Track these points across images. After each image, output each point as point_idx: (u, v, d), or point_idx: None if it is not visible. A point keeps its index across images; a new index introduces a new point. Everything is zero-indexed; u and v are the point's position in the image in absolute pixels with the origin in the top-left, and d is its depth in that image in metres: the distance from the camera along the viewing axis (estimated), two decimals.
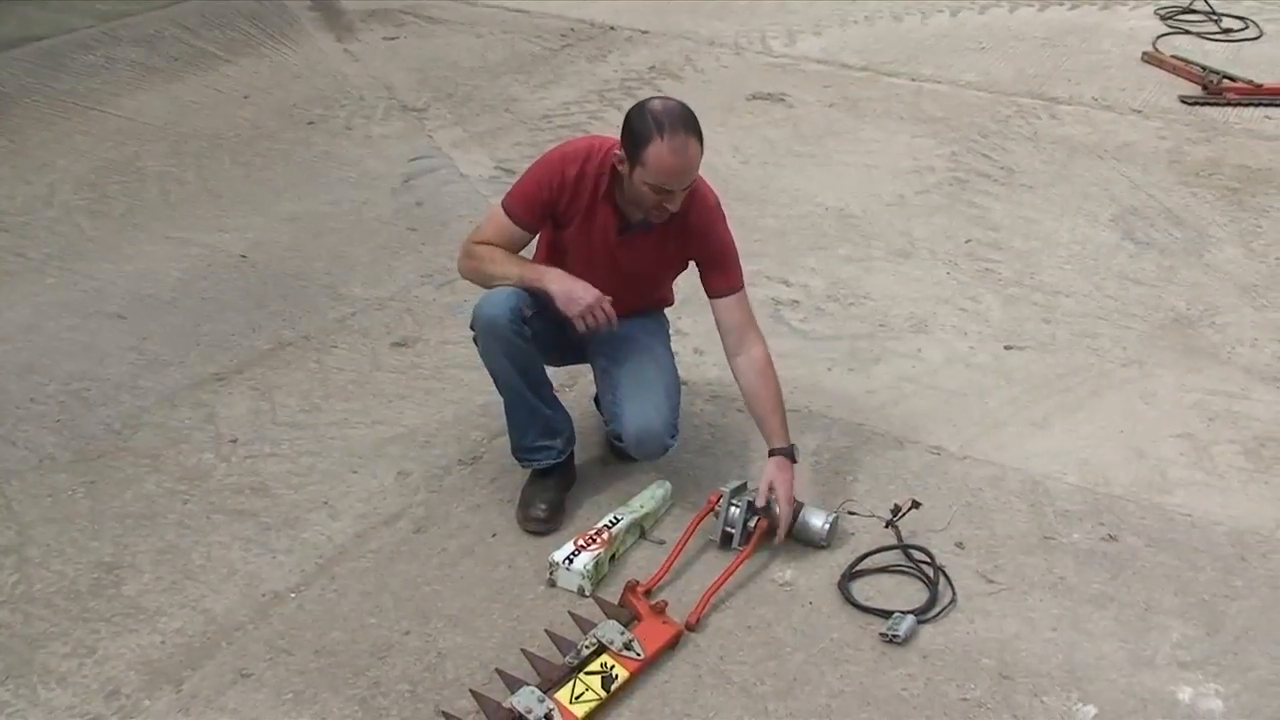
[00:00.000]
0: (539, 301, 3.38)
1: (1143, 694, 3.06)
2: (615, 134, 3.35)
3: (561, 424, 3.65)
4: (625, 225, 3.47)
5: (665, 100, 3.34)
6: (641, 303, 3.70)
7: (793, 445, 3.51)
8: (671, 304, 3.87)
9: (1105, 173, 6.19)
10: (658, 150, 3.21)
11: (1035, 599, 3.37)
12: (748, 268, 3.56)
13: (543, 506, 3.57)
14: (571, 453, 3.71)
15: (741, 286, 3.59)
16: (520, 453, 3.63)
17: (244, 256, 5.14)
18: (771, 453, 3.49)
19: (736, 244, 3.59)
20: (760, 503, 3.45)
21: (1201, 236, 5.55)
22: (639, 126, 3.25)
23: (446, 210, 5.59)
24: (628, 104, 3.67)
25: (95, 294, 4.80)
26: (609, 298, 3.36)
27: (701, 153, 3.31)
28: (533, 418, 3.57)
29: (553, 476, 3.65)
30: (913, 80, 7.44)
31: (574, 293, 3.34)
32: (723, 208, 3.58)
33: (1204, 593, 3.41)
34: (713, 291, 3.58)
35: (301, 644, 3.15)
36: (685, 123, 3.26)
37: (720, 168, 6.06)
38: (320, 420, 4.07)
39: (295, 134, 6.42)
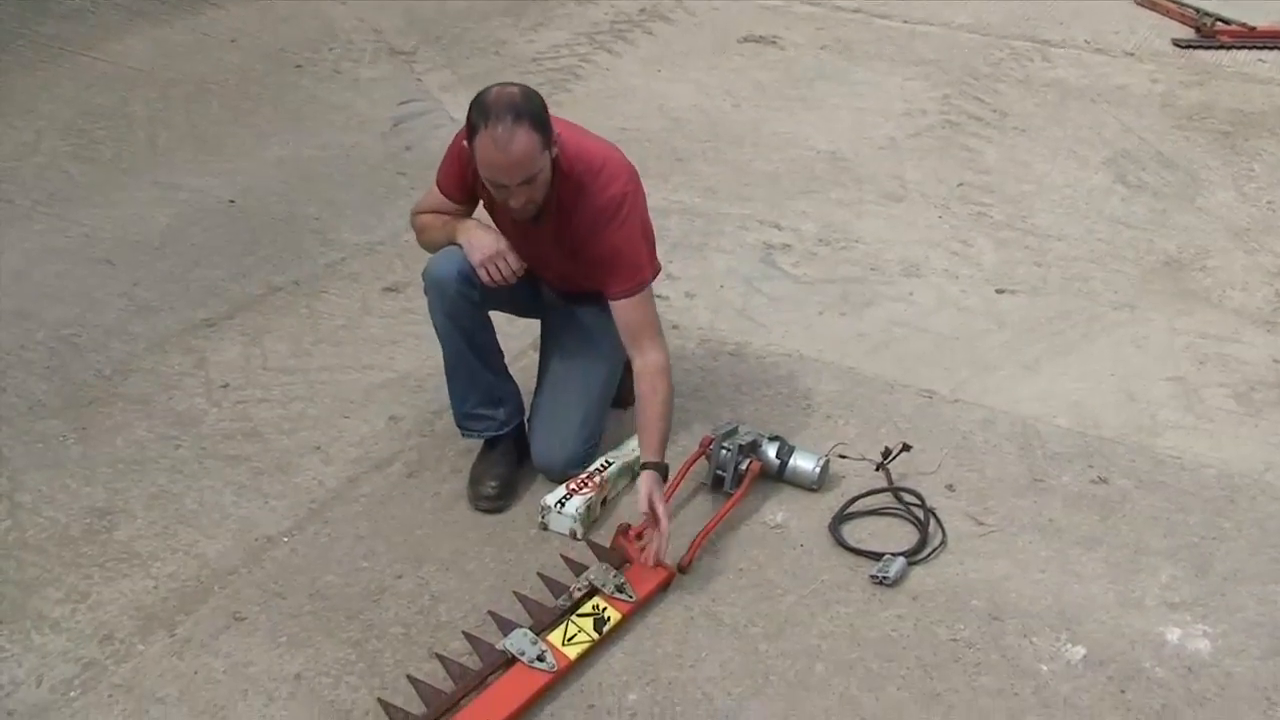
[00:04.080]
0: None
1: (1131, 635, 3.08)
2: (603, 78, 3.28)
3: (506, 394, 3.53)
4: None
5: (505, 86, 3.05)
6: (596, 286, 3.44)
7: (666, 465, 3.28)
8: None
9: (1098, 116, 6.17)
10: (482, 142, 2.97)
11: (1025, 541, 3.39)
12: (739, 211, 3.53)
13: (493, 484, 3.45)
14: (522, 427, 3.59)
15: (639, 289, 3.29)
16: (460, 419, 3.53)
17: (233, 202, 5.12)
18: (644, 466, 3.24)
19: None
20: (642, 507, 3.18)
21: (1194, 180, 5.54)
22: (471, 115, 3.02)
23: (436, 155, 5.43)
24: (618, 47, 3.64)
25: (84, 240, 4.77)
26: (512, 253, 3.23)
27: (540, 145, 3.00)
28: (473, 382, 3.46)
29: (499, 449, 3.53)
30: (905, 23, 7.39)
31: (476, 242, 3.24)
32: (630, 199, 3.26)
33: (1193, 535, 3.43)
34: (610, 294, 3.30)
35: (295, 588, 3.16)
36: (516, 111, 2.96)
37: (711, 111, 6.03)
38: (311, 365, 4.06)
39: (283, 78, 6.37)
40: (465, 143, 3.08)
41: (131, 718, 2.77)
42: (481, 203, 3.42)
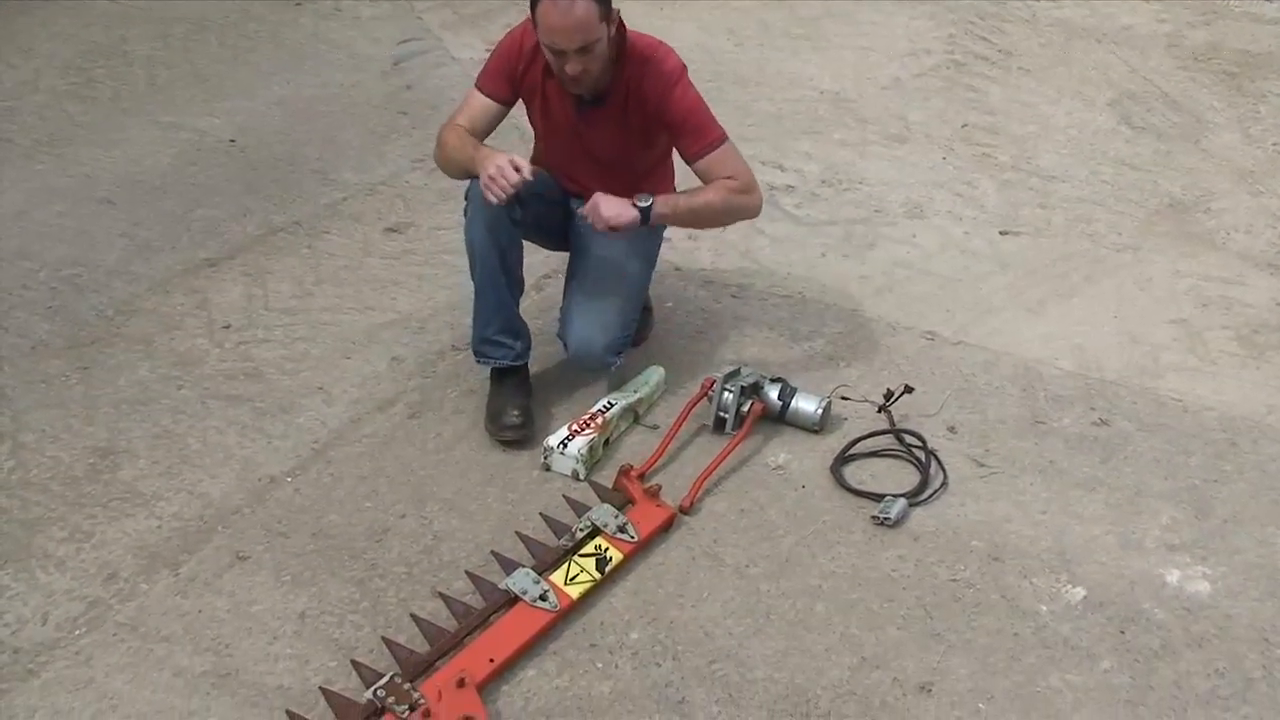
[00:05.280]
0: (536, 184, 3.32)
1: (1131, 576, 3.10)
2: None
3: (523, 329, 3.57)
4: (580, 102, 3.41)
5: None
6: (632, 194, 3.55)
7: (650, 210, 3.31)
8: None
9: (1103, 56, 6.12)
10: (545, 7, 3.13)
11: (1026, 482, 3.40)
12: (741, 152, 3.51)
13: (516, 414, 3.47)
14: (528, 367, 3.61)
15: (720, 141, 3.41)
16: (478, 344, 3.54)
17: (233, 141, 5.09)
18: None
19: (710, 107, 3.44)
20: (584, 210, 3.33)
21: (1199, 122, 5.50)
22: None
23: (437, 94, 5.52)
24: None
25: (85, 180, 4.76)
26: (516, 159, 3.19)
27: (599, 14, 3.15)
28: (499, 307, 3.47)
29: (512, 382, 3.56)
30: None
31: (485, 159, 3.22)
32: (687, 72, 3.41)
33: (1194, 477, 3.43)
34: (690, 156, 3.43)
35: (298, 527, 3.18)
36: None
37: (715, 50, 5.99)
38: (313, 306, 4.06)
39: (283, 16, 6.32)
40: (529, 17, 3.20)
41: (136, 656, 2.79)
42: (526, 110, 3.51)
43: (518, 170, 3.16)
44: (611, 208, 3.29)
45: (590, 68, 3.23)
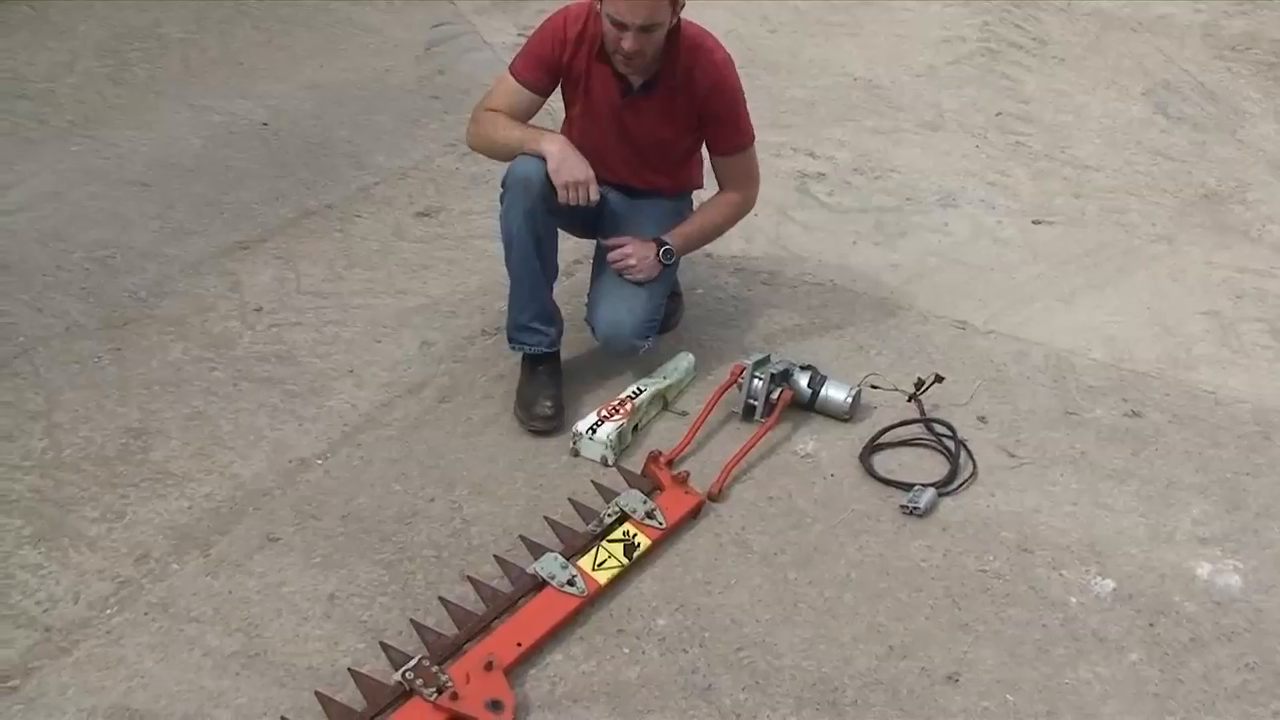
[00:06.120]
0: None
1: (1161, 569, 3.08)
2: None
3: (557, 316, 3.58)
4: (628, 89, 3.42)
5: None
6: (665, 181, 3.66)
7: (670, 247, 3.54)
8: (699, 186, 3.80)
9: (1139, 45, 6.08)
10: None
11: (1056, 474, 3.38)
12: (773, 139, 3.53)
13: (548, 404, 3.47)
14: (560, 354, 3.62)
15: (749, 144, 3.55)
16: (513, 330, 3.55)
17: (266, 124, 5.11)
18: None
19: (751, 107, 3.52)
20: (608, 245, 3.53)
21: (1235, 112, 5.46)
22: None
23: (469, 78, 5.52)
24: None
25: (118, 161, 4.78)
26: (595, 185, 3.32)
27: None
28: (534, 293, 3.49)
29: (544, 370, 3.57)
30: None
31: (569, 161, 3.29)
32: (734, 64, 3.47)
33: (1225, 470, 3.41)
34: (719, 150, 3.54)
35: (328, 509, 3.19)
36: None
37: (748, 36, 5.97)
38: (344, 289, 4.07)
39: (316, 0, 6.33)
40: (598, 4, 3.21)
41: (167, 635, 2.81)
42: (562, 94, 3.53)
43: (590, 194, 3.31)
44: (645, 271, 3.51)
45: (646, 49, 3.24)
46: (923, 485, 3.27)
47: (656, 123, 3.48)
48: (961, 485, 3.33)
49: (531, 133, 3.38)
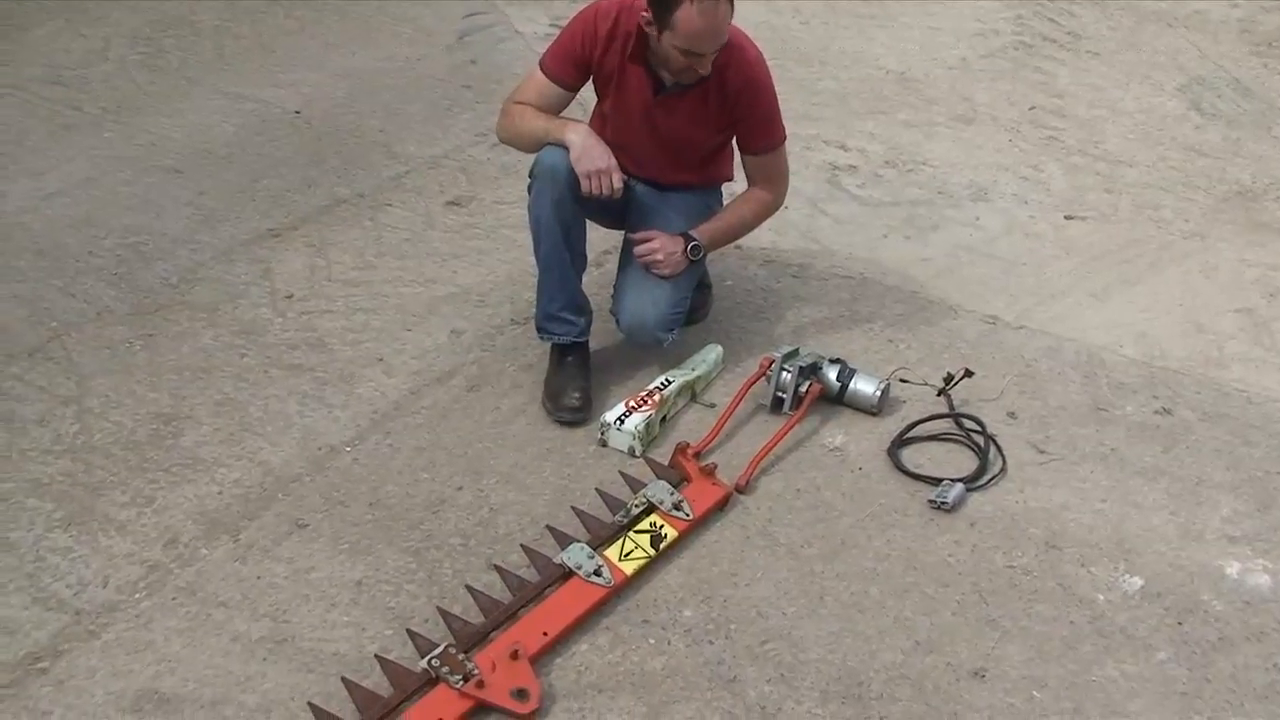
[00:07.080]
0: None
1: (1190, 567, 3.06)
2: None
3: (586, 305, 3.59)
4: (660, 86, 3.42)
5: None
6: (694, 176, 3.65)
7: (699, 243, 3.53)
8: (730, 179, 3.79)
9: (1174, 41, 6.04)
10: (687, 13, 3.12)
11: (1086, 470, 3.37)
12: (805, 131, 3.52)
13: (576, 395, 3.48)
14: (588, 344, 3.63)
15: (781, 143, 3.56)
16: (542, 320, 3.56)
17: (298, 112, 5.13)
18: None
19: (782, 100, 3.51)
20: (635, 239, 3.53)
21: (1270, 109, 5.42)
22: None
23: (501, 68, 5.53)
24: None
25: (151, 148, 4.80)
26: (619, 174, 3.32)
27: (732, 11, 3.21)
28: (563, 283, 3.50)
29: (573, 360, 3.57)
30: None
31: (591, 151, 3.31)
32: (765, 62, 3.48)
33: (1256, 469, 3.39)
34: (750, 149, 3.55)
35: (357, 497, 3.20)
36: None
37: (780, 28, 5.96)
38: (375, 278, 4.08)
39: None
40: (646, 17, 3.22)
41: (195, 620, 2.82)
42: (595, 90, 3.54)
43: (613, 183, 3.31)
44: (672, 266, 3.50)
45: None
46: (951, 480, 3.26)
47: (688, 121, 3.48)
48: (990, 481, 3.31)
49: (556, 123, 3.39)
